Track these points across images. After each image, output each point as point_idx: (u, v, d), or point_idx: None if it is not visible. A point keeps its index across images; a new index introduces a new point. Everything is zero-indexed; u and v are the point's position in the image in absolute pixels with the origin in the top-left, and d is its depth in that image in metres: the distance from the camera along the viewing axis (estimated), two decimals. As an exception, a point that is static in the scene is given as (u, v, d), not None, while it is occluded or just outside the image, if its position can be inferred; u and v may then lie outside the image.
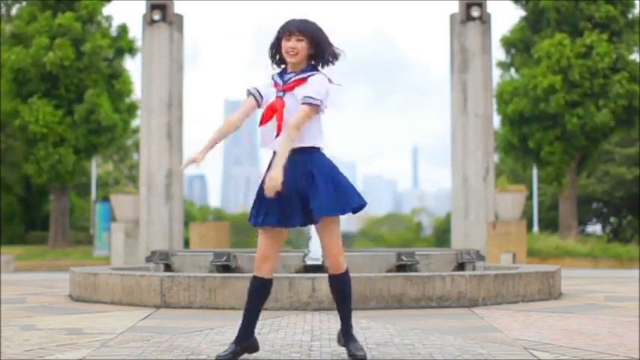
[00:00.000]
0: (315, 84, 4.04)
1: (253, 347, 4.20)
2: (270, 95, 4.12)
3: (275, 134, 4.03)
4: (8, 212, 32.43)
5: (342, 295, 4.20)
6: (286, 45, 4.05)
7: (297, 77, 4.06)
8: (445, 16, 21.24)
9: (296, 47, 4.03)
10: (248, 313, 4.17)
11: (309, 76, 4.07)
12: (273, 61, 4.19)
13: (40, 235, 31.80)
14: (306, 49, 4.05)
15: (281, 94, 4.05)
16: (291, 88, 4.06)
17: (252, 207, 4.12)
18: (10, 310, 6.85)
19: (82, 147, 25.98)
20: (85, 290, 7.82)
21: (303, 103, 4.00)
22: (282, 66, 4.18)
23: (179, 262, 8.68)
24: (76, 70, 25.33)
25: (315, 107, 4.01)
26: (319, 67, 4.12)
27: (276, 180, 3.88)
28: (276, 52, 4.15)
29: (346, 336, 4.21)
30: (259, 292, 4.15)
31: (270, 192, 3.91)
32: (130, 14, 29.63)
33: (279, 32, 4.10)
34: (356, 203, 4.08)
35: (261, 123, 4.09)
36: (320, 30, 4.10)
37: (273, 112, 4.04)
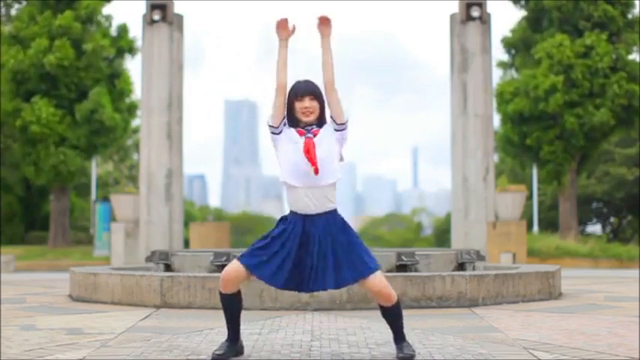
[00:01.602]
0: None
1: (241, 350, 4.33)
2: (287, 132, 4.21)
3: (313, 174, 4.10)
4: (8, 212, 32.43)
5: (400, 321, 4.25)
6: (301, 106, 4.19)
7: (317, 127, 4.22)
8: (445, 16, 21.24)
9: (311, 107, 4.19)
10: (231, 321, 4.28)
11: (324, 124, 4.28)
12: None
13: (40, 235, 31.80)
14: (318, 108, 4.22)
15: (310, 135, 4.17)
16: (317, 134, 4.20)
17: (263, 255, 4.13)
18: (10, 310, 6.85)
19: (84, 147, 25.98)
20: (85, 290, 7.82)
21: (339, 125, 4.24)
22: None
23: (179, 262, 8.68)
24: (76, 69, 25.33)
25: (345, 123, 4.20)
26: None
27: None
28: (287, 113, 4.25)
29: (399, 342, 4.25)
30: (236, 306, 4.27)
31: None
32: (130, 14, 29.66)
33: (289, 95, 4.22)
34: (369, 269, 4.16)
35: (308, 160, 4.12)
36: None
37: (308, 152, 4.13)
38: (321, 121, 4.25)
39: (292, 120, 4.23)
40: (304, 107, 4.18)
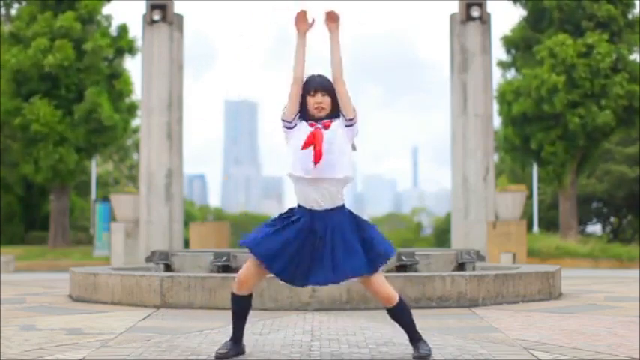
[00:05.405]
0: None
1: (242, 351, 4.35)
2: (300, 126, 4.18)
3: (312, 161, 4.05)
4: (8, 212, 32.43)
5: (407, 319, 4.24)
6: (314, 101, 4.16)
7: (330, 119, 4.18)
8: (445, 16, 21.23)
9: (323, 102, 4.16)
10: (238, 323, 4.30)
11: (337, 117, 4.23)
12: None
13: (40, 235, 31.80)
14: (330, 103, 4.18)
15: (320, 126, 4.14)
16: (328, 127, 4.16)
17: (270, 243, 4.14)
18: (10, 310, 6.85)
19: (83, 146, 25.97)
20: (85, 290, 7.82)
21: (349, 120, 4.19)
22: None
23: (179, 262, 8.68)
24: (76, 70, 25.33)
25: (354, 118, 4.17)
26: None
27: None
28: (300, 107, 4.21)
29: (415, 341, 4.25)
30: (244, 307, 4.30)
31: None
32: (130, 14, 29.65)
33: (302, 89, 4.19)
34: (388, 254, 4.15)
35: (303, 147, 4.08)
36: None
37: (314, 139, 4.09)
38: (333, 116, 4.19)
39: (304, 115, 4.19)
40: (317, 102, 4.15)
